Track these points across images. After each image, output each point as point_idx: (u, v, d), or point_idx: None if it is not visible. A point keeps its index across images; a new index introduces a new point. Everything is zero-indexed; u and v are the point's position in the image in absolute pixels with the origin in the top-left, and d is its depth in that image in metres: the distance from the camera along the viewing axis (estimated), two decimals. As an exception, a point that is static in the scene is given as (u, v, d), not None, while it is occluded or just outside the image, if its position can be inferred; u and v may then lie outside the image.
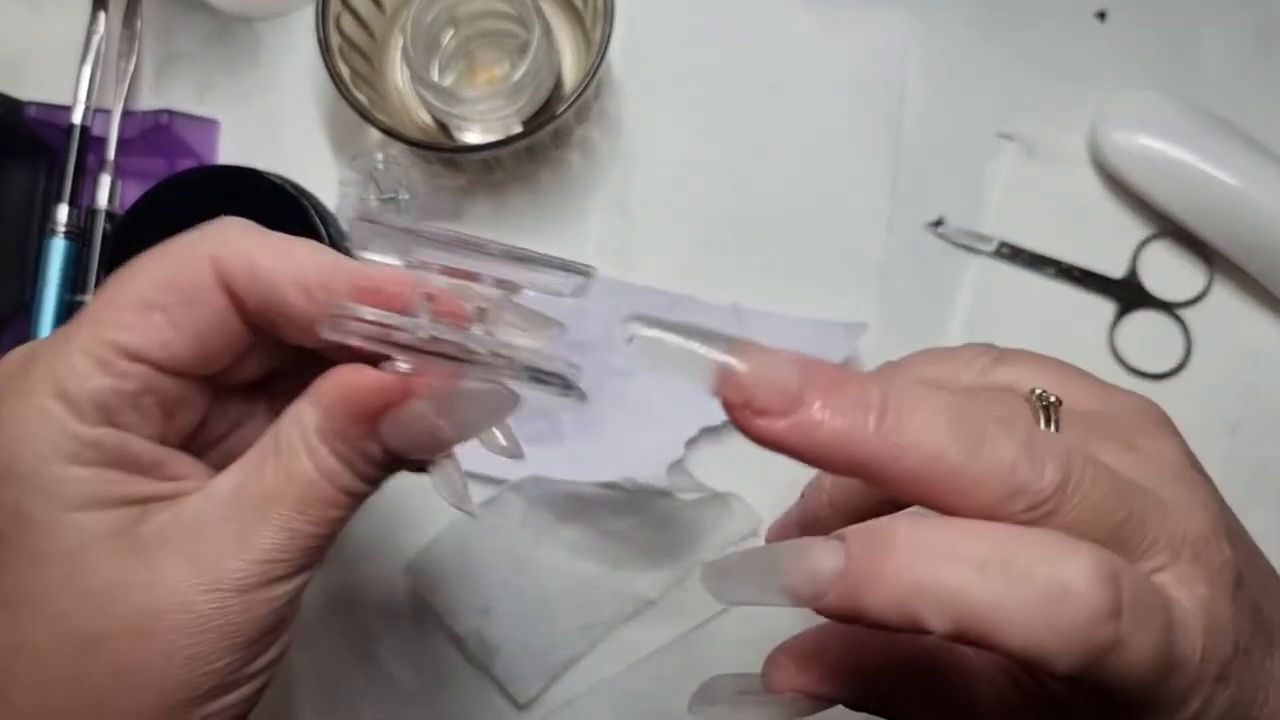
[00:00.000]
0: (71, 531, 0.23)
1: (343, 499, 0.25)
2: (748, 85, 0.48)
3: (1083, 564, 0.20)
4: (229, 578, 0.24)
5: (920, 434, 0.21)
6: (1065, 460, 0.21)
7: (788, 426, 0.21)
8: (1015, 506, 0.21)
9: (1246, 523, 0.48)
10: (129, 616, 0.23)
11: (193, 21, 0.49)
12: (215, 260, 0.25)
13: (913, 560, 0.20)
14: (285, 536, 0.24)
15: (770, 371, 0.21)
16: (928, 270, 0.47)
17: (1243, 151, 0.45)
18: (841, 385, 0.21)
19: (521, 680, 0.44)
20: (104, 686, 0.23)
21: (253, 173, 0.40)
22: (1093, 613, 0.20)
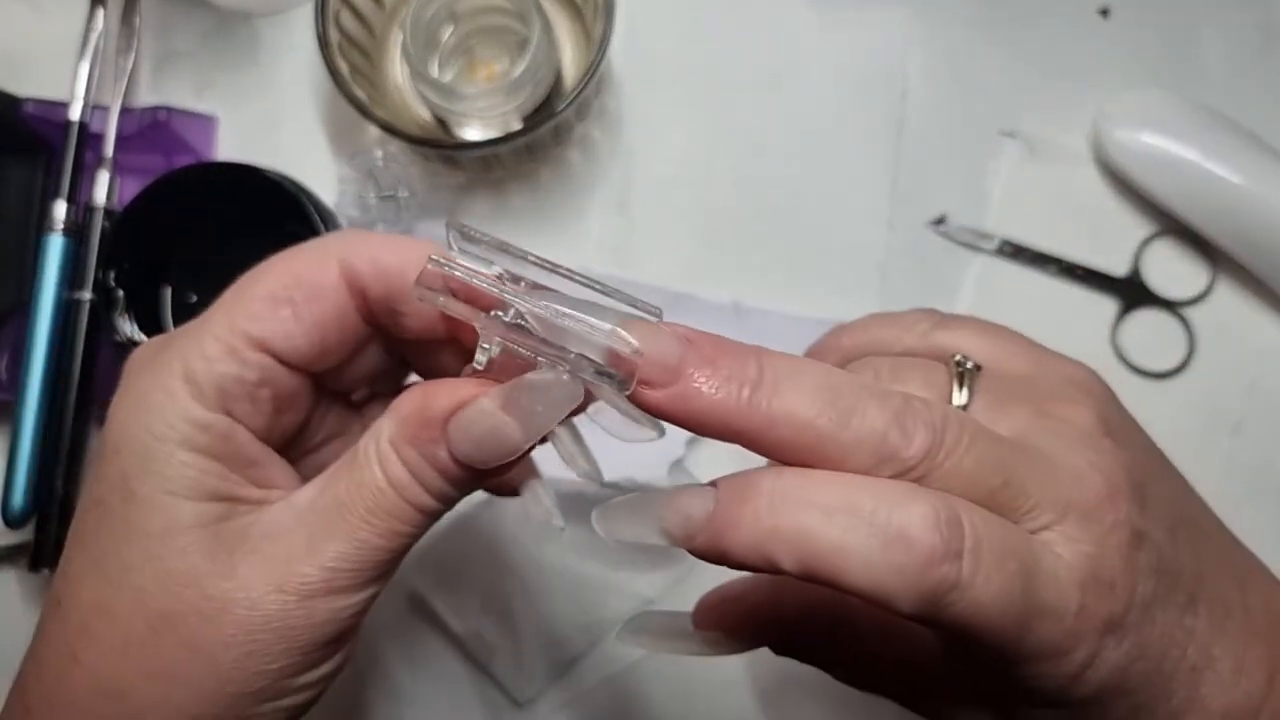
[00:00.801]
0: (166, 512, 0.25)
1: (410, 512, 0.25)
2: (749, 83, 0.48)
3: (922, 510, 0.22)
4: (294, 582, 0.25)
5: (792, 405, 0.22)
6: (937, 429, 0.23)
7: (667, 396, 0.23)
8: (885, 472, 0.23)
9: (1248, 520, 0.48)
10: (200, 602, 0.24)
11: (191, 18, 0.49)
12: (342, 259, 0.26)
13: (771, 506, 0.23)
14: (351, 546, 0.25)
15: (653, 345, 0.22)
16: (929, 269, 0.47)
17: (1245, 149, 0.45)
18: (719, 358, 0.23)
19: (521, 679, 0.44)
20: (170, 661, 0.24)
21: (251, 169, 0.40)
22: (929, 555, 0.21)
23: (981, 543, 0.22)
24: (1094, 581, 0.23)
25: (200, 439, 0.25)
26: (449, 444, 0.24)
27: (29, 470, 0.43)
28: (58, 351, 0.43)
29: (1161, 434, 0.46)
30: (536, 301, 0.23)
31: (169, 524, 0.25)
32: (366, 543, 0.25)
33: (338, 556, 0.25)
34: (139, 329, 0.41)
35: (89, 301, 0.43)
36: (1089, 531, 0.24)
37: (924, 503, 0.22)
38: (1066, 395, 0.27)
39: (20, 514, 0.43)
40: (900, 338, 0.30)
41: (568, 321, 0.23)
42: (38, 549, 0.43)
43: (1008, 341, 0.29)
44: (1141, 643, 0.24)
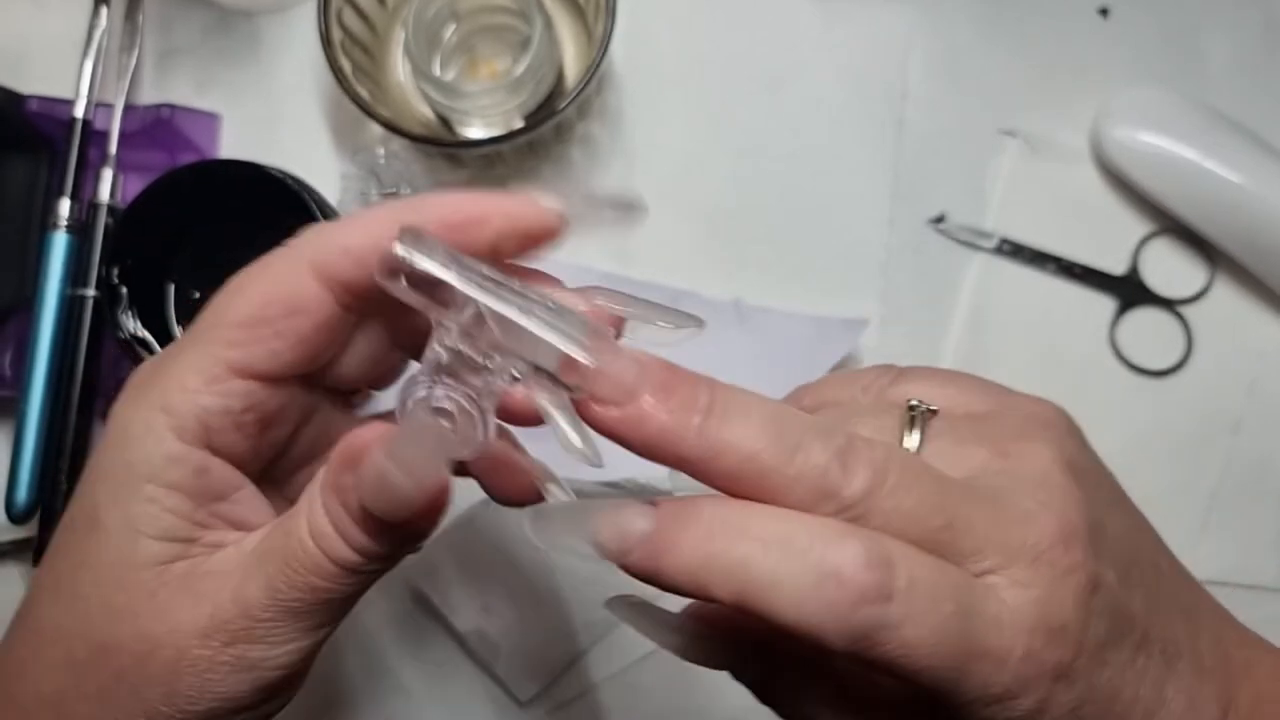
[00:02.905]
0: (122, 546, 0.25)
1: (329, 567, 0.24)
2: (750, 81, 0.48)
3: (855, 549, 0.22)
4: (219, 627, 0.24)
5: (738, 436, 0.23)
6: (879, 468, 0.23)
7: (620, 416, 0.23)
8: (826, 509, 0.23)
9: (1249, 519, 0.49)
10: (133, 641, 0.25)
11: (194, 16, 0.49)
12: (313, 262, 0.25)
13: (709, 533, 0.23)
14: (268, 595, 0.24)
15: (610, 365, 0.23)
16: (929, 267, 0.47)
17: (1245, 148, 0.45)
18: (672, 386, 0.23)
19: (523, 678, 0.44)
20: (105, 688, 0.25)
21: (254, 167, 0.40)
22: (859, 594, 0.22)
23: (915, 584, 0.22)
24: (1043, 627, 0.23)
25: (172, 474, 0.25)
26: (358, 492, 0.24)
27: (33, 466, 0.43)
28: (61, 348, 0.43)
29: (1159, 433, 0.46)
30: (500, 298, 0.23)
31: (122, 558, 0.25)
32: (283, 593, 0.24)
33: (257, 605, 0.24)
34: (142, 325, 0.41)
35: (92, 298, 0.43)
36: (1039, 575, 0.23)
37: (857, 541, 0.22)
38: (1026, 433, 0.26)
39: (24, 509, 0.43)
40: (856, 397, 0.30)
41: (529, 323, 0.23)
42: (42, 544, 0.43)
43: (967, 386, 0.29)
44: (1093, 686, 0.24)
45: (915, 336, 0.47)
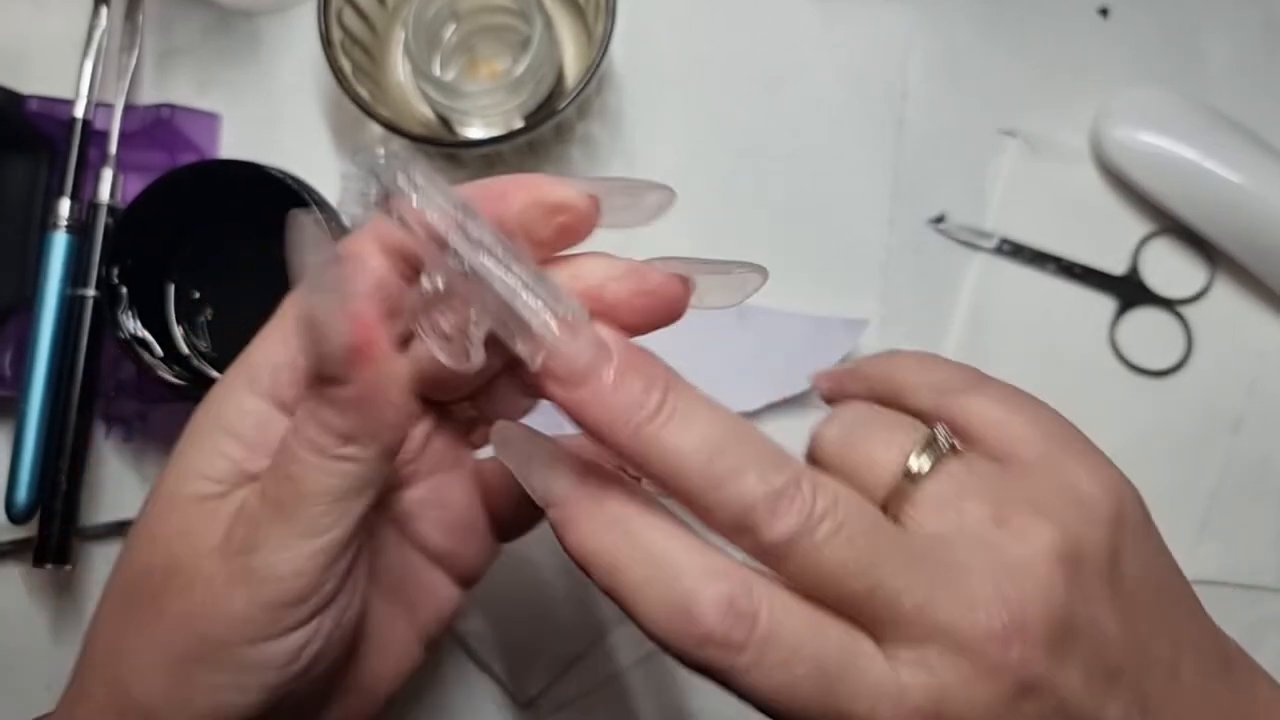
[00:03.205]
0: (178, 480, 0.26)
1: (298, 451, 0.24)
2: (750, 81, 0.48)
3: (718, 591, 0.23)
4: (225, 541, 0.25)
5: (674, 446, 0.23)
6: (811, 519, 0.23)
7: (564, 395, 0.23)
8: (742, 543, 0.23)
9: (1249, 519, 0.48)
10: (163, 560, 0.26)
11: (194, 16, 0.49)
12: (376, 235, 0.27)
13: (603, 527, 0.24)
14: (259, 498, 0.25)
15: (567, 344, 0.23)
16: (929, 267, 0.47)
17: (1245, 148, 0.45)
18: (627, 378, 0.23)
19: (523, 678, 0.44)
20: (142, 611, 0.26)
21: (254, 167, 0.40)
22: (704, 635, 0.23)
23: (773, 638, 0.23)
24: (931, 715, 0.23)
25: (237, 423, 0.26)
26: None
27: (33, 466, 0.43)
28: (61, 348, 0.43)
29: (1159, 433, 0.46)
30: (479, 254, 0.23)
31: (174, 490, 0.26)
32: (270, 491, 0.25)
33: (253, 511, 0.25)
34: (142, 325, 0.41)
35: (92, 298, 0.43)
36: (954, 665, 0.23)
37: (725, 584, 0.23)
38: (1043, 506, 0.25)
39: (24, 509, 0.43)
40: (919, 389, 0.29)
41: (500, 286, 0.23)
42: (41, 544, 0.43)
43: (1034, 422, 0.27)
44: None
45: (915, 336, 0.47)
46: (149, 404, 0.47)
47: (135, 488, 0.47)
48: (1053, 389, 0.47)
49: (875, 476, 0.26)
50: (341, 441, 0.24)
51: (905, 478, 0.26)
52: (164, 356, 0.41)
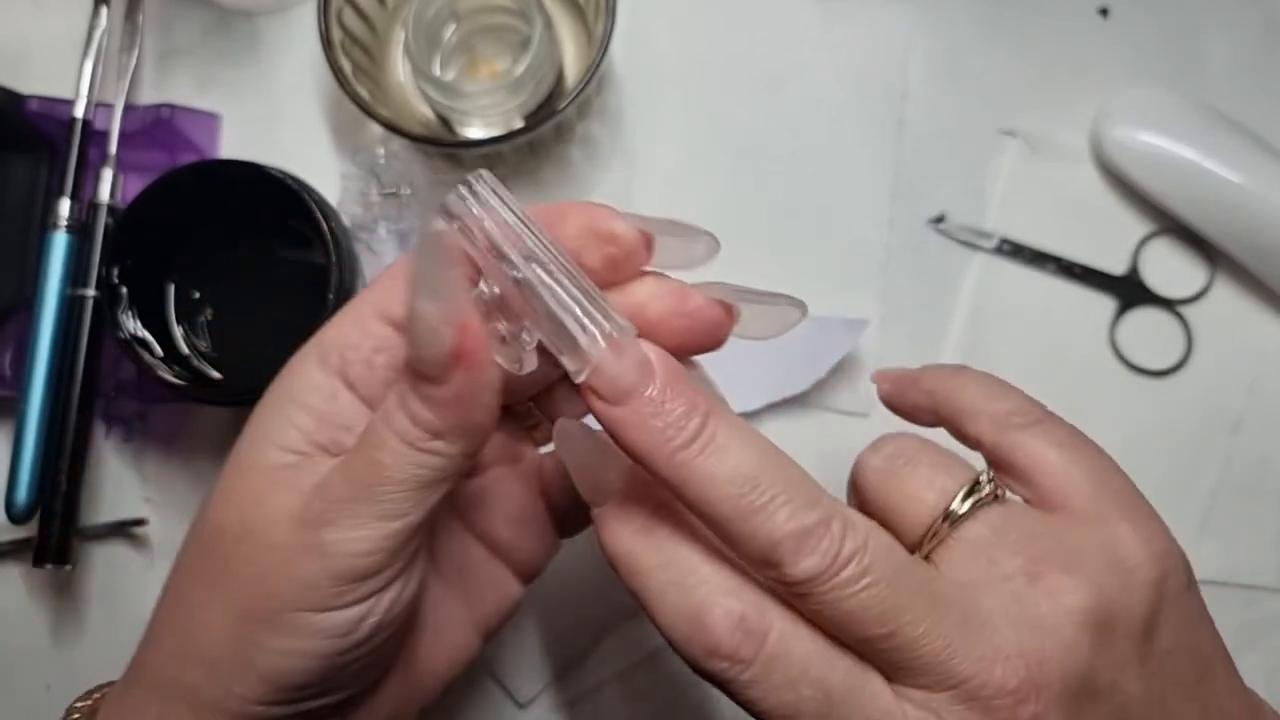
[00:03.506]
0: (252, 447, 0.27)
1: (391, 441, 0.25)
2: (750, 80, 0.48)
3: (730, 607, 0.24)
4: (301, 512, 0.26)
5: (708, 477, 0.24)
6: (836, 561, 0.23)
7: (605, 413, 0.24)
8: (767, 575, 0.24)
9: (1249, 519, 0.48)
10: (236, 524, 0.27)
11: (194, 16, 0.49)
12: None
13: (637, 533, 0.26)
14: (343, 477, 0.26)
15: (612, 363, 0.24)
16: (929, 267, 0.47)
17: (1245, 148, 0.45)
18: (669, 402, 0.24)
19: (523, 678, 0.44)
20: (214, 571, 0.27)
21: (254, 167, 0.40)
22: (713, 647, 0.24)
23: (779, 658, 0.24)
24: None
25: (308, 396, 0.27)
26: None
27: (33, 466, 0.43)
28: (61, 348, 0.43)
29: (1159, 433, 0.47)
30: (533, 267, 0.24)
31: (248, 456, 0.27)
32: (355, 471, 0.26)
33: (335, 488, 0.26)
34: (142, 325, 0.41)
35: (92, 298, 0.43)
36: (964, 715, 0.23)
37: (739, 601, 0.24)
38: (1079, 564, 0.25)
39: (24, 510, 0.43)
40: (980, 418, 0.29)
41: (550, 299, 0.24)
42: (41, 545, 0.43)
43: (1085, 474, 0.27)
44: None
45: (915, 336, 0.47)
46: (149, 404, 0.47)
47: (135, 488, 0.47)
48: (1053, 389, 0.47)
49: (914, 515, 0.26)
50: (430, 436, 0.25)
51: (943, 519, 0.26)
52: (164, 356, 0.41)
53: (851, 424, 0.46)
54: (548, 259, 0.24)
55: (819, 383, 0.46)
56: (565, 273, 0.24)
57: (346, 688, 0.28)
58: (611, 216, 0.26)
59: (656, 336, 0.26)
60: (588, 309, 0.24)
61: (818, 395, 0.46)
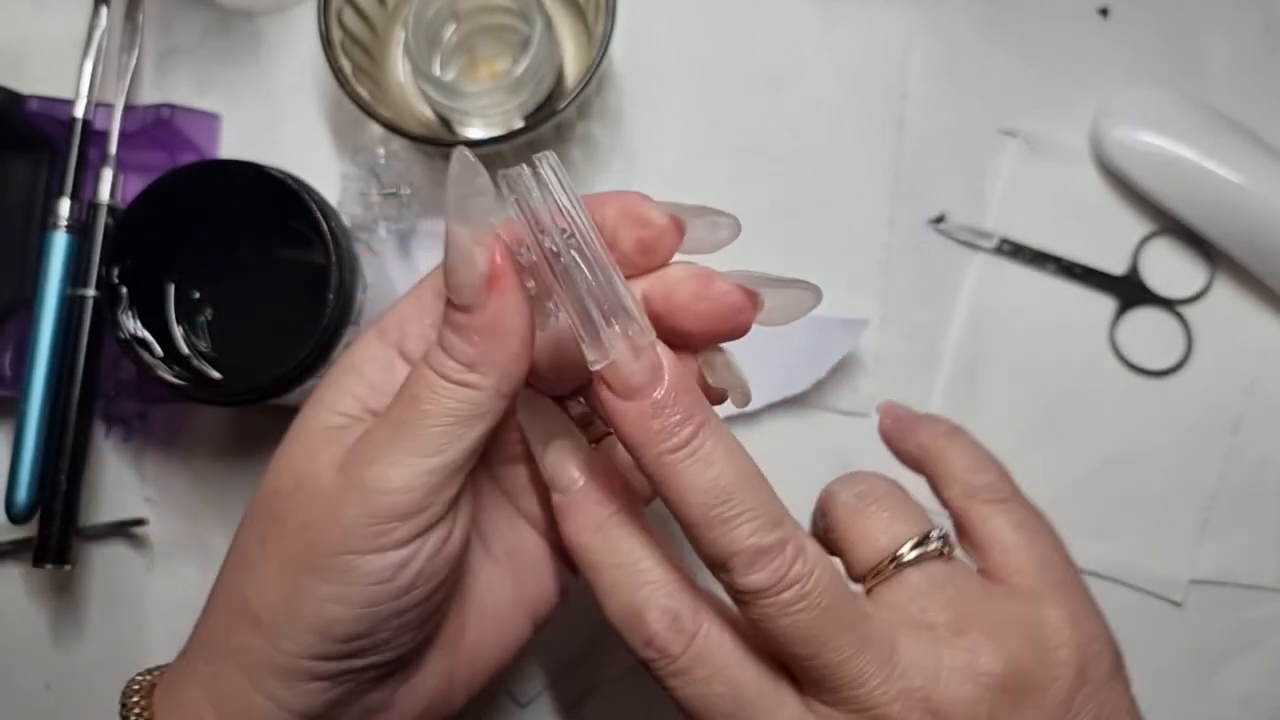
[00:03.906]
0: (310, 412, 0.29)
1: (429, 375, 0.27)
2: (750, 80, 0.48)
3: (665, 605, 0.27)
4: (345, 456, 0.28)
5: (687, 484, 0.25)
6: (779, 580, 0.25)
7: (610, 403, 0.26)
8: (720, 576, 0.26)
9: (1249, 519, 0.48)
10: (289, 479, 0.28)
11: (194, 16, 0.49)
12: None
13: (592, 528, 0.28)
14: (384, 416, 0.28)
15: (625, 362, 0.25)
16: (929, 267, 0.47)
17: (1245, 148, 0.45)
18: (669, 408, 0.25)
19: (523, 679, 0.44)
20: (267, 527, 0.29)
21: (254, 167, 0.40)
22: (645, 637, 0.27)
23: (703, 657, 0.27)
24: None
25: (366, 366, 0.29)
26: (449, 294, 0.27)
27: (33, 466, 0.43)
28: (61, 348, 0.43)
29: (1159, 433, 0.47)
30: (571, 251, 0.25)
31: (305, 420, 0.29)
32: (394, 412, 0.27)
33: (376, 429, 0.27)
34: (142, 325, 0.41)
35: (93, 298, 0.43)
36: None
37: (676, 602, 0.27)
38: (1004, 636, 0.27)
39: (24, 509, 0.43)
40: (953, 484, 0.31)
41: (582, 285, 0.25)
42: (41, 544, 0.43)
43: (1032, 557, 0.29)
44: None
45: (915, 336, 0.47)
46: (149, 404, 0.47)
47: (135, 487, 0.47)
48: (1053, 389, 0.47)
49: (866, 552, 0.29)
50: (465, 368, 0.27)
51: (890, 561, 0.28)
52: (164, 356, 0.41)
53: (851, 424, 0.46)
54: (589, 248, 0.25)
55: (819, 383, 0.46)
56: (602, 265, 0.25)
57: (392, 645, 0.29)
58: (645, 202, 0.28)
59: (678, 321, 0.28)
60: (616, 304, 0.25)
61: (818, 395, 0.46)
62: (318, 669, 0.28)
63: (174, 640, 0.31)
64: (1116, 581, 0.46)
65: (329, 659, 0.28)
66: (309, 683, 0.28)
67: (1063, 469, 0.46)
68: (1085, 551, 0.46)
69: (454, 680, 0.32)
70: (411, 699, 0.31)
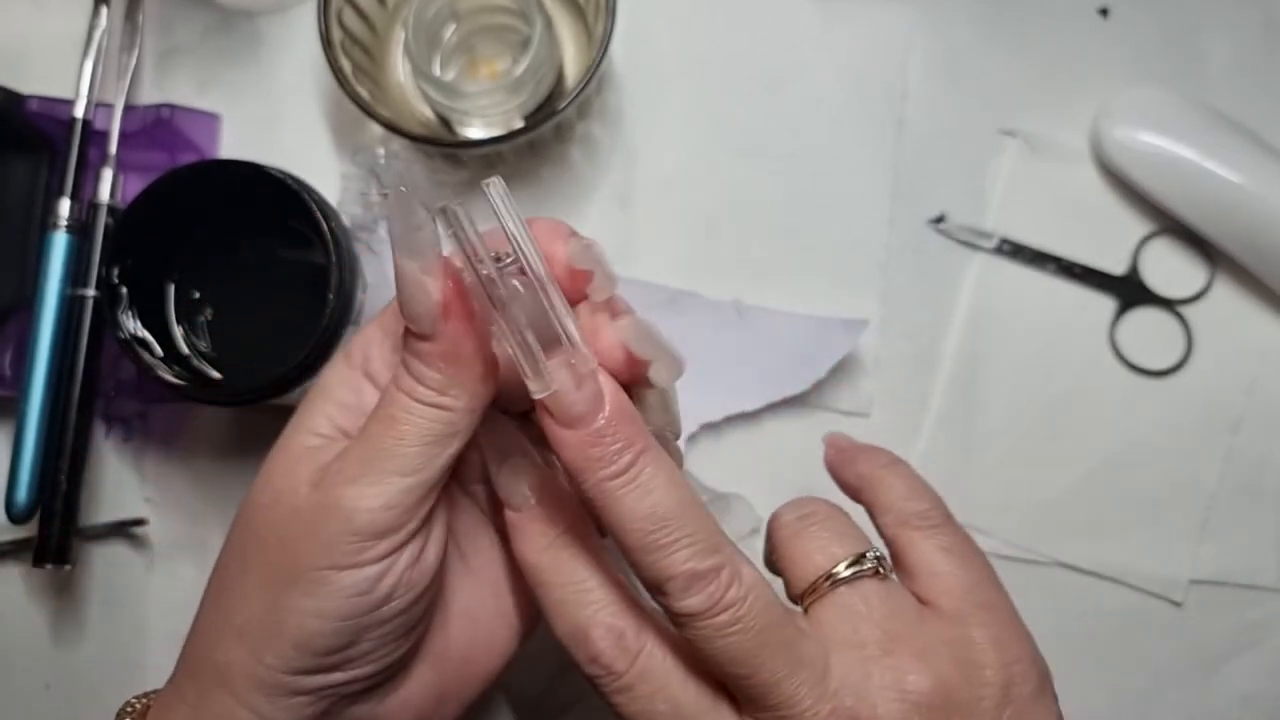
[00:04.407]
0: (289, 435, 0.30)
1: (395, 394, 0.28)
2: (750, 80, 0.48)
3: (609, 624, 0.28)
4: (320, 474, 0.28)
5: (626, 510, 0.26)
6: (715, 604, 0.26)
7: (552, 430, 0.26)
8: (658, 599, 0.27)
9: (1249, 519, 0.49)
10: (268, 496, 0.29)
11: (194, 15, 0.49)
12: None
13: (542, 547, 0.29)
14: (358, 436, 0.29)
15: (569, 393, 0.26)
16: (929, 267, 0.47)
17: (1245, 148, 0.45)
18: (607, 438, 0.26)
19: (523, 678, 0.44)
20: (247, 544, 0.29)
21: (254, 167, 0.40)
22: (589, 655, 0.28)
23: (645, 675, 0.28)
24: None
25: (337, 390, 0.30)
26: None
27: (33, 466, 0.43)
28: (61, 348, 0.43)
29: (1159, 433, 0.47)
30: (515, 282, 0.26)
31: (284, 442, 0.30)
32: (367, 431, 0.28)
33: (349, 449, 0.28)
34: (142, 325, 0.41)
35: (93, 298, 0.43)
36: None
37: (621, 621, 0.28)
38: (930, 656, 0.28)
39: (24, 510, 0.43)
40: (887, 513, 0.32)
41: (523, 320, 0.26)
42: (41, 544, 0.43)
43: (960, 581, 0.30)
44: None
45: (915, 336, 0.47)
46: (149, 404, 0.47)
47: (135, 488, 0.47)
48: (1053, 389, 0.47)
49: (803, 570, 0.30)
50: (437, 391, 0.27)
51: (825, 579, 0.29)
52: (164, 356, 0.41)
53: (851, 424, 0.46)
54: (532, 274, 0.26)
55: (819, 383, 0.46)
56: (545, 292, 0.26)
57: (373, 658, 0.29)
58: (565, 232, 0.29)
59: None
60: (556, 334, 0.26)
61: (817, 395, 0.46)
62: (300, 683, 0.28)
63: (174, 640, 0.31)
64: (1116, 581, 0.46)
65: (311, 673, 0.28)
66: (292, 697, 0.28)
67: (1063, 469, 0.46)
68: (1085, 551, 0.46)
69: (443, 693, 0.32)
70: (400, 712, 0.31)
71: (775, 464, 0.46)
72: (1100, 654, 0.46)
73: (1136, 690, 0.46)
